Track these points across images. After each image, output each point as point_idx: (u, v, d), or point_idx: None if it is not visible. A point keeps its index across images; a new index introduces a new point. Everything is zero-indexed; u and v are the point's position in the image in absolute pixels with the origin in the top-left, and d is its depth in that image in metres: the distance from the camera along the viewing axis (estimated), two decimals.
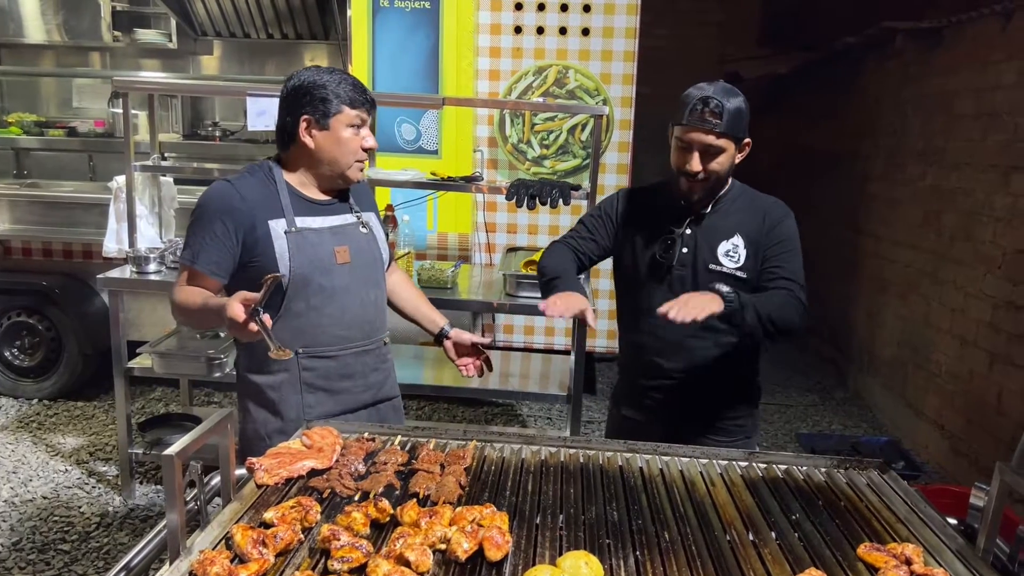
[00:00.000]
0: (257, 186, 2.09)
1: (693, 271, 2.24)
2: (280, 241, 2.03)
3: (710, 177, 2.14)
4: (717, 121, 2.06)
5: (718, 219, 2.25)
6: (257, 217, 2.03)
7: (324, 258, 2.09)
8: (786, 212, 2.26)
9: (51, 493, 3.79)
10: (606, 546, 1.51)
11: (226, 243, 2.02)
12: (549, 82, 4.72)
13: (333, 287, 2.10)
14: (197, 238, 2.04)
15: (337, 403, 2.17)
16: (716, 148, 2.10)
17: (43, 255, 4.68)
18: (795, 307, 2.14)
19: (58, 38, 5.93)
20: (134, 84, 4.03)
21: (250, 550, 1.35)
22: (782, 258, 2.20)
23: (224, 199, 2.05)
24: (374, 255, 2.22)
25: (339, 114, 2.04)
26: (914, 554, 1.48)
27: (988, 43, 4.25)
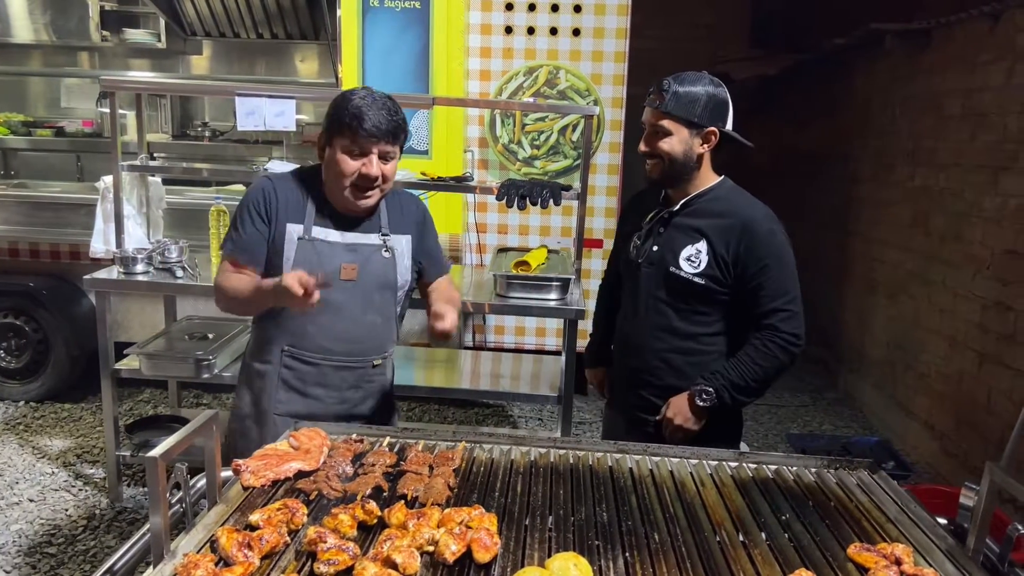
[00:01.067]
0: (293, 188, 2.19)
1: (658, 271, 2.23)
2: (291, 245, 2.14)
3: (662, 159, 2.15)
4: (660, 101, 2.10)
5: (687, 220, 2.22)
6: (282, 217, 2.15)
7: (327, 270, 2.12)
8: (770, 227, 2.17)
9: (37, 496, 3.76)
10: (595, 547, 1.51)
11: (263, 236, 2.15)
12: (540, 82, 4.71)
13: (328, 300, 2.11)
14: (237, 231, 2.17)
15: (305, 406, 2.23)
16: (661, 129, 2.13)
17: (30, 256, 4.64)
18: (771, 356, 2.13)
19: (46, 38, 5.89)
20: (122, 84, 4.00)
21: (235, 553, 1.34)
22: (767, 278, 2.14)
23: (262, 193, 2.17)
24: (387, 279, 2.24)
25: (339, 136, 2.08)
26: (904, 554, 1.48)
27: (976, 44, 4.27)
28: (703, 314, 2.22)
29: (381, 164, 2.09)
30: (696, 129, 2.13)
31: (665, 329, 2.24)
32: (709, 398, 2.16)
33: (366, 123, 2.03)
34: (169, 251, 3.52)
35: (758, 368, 2.15)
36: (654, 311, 2.26)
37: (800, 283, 2.23)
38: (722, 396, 2.16)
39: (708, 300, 2.20)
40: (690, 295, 2.20)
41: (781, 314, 2.15)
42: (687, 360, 2.25)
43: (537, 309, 3.41)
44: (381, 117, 2.05)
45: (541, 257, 3.68)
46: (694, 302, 2.21)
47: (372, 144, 2.06)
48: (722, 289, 2.17)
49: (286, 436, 1.88)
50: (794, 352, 2.16)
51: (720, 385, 2.16)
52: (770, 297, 2.15)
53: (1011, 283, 3.80)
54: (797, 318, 2.16)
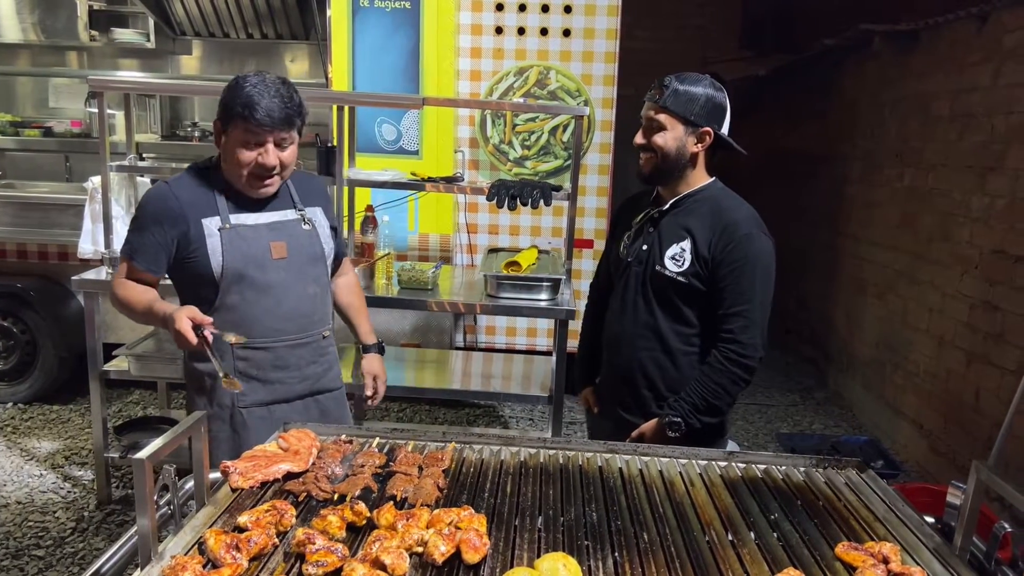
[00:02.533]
0: (194, 185, 2.14)
1: (645, 270, 2.26)
2: (213, 238, 2.10)
3: (656, 153, 2.17)
4: (659, 96, 2.13)
5: (676, 219, 2.24)
6: (191, 217, 2.10)
7: (258, 253, 2.13)
8: (749, 232, 2.15)
9: (26, 498, 3.73)
10: (585, 548, 1.51)
11: (161, 243, 2.10)
12: (530, 83, 4.71)
13: (267, 281, 2.14)
14: (135, 235, 2.13)
15: (270, 392, 2.22)
16: (657, 123, 2.15)
17: (18, 257, 4.61)
18: (728, 372, 2.14)
19: (34, 37, 5.85)
20: (110, 84, 3.97)
21: (223, 555, 1.33)
22: (734, 284, 2.14)
23: (160, 201, 2.12)
24: (315, 251, 2.26)
25: (232, 126, 2.04)
26: (892, 553, 1.48)
27: (964, 45, 4.30)
28: (686, 314, 2.23)
29: (278, 152, 2.06)
30: (691, 127, 2.15)
31: (650, 328, 2.26)
32: (678, 428, 2.18)
33: (258, 112, 1.97)
34: None
35: (717, 387, 2.16)
36: (642, 310, 2.27)
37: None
38: (690, 422, 2.18)
39: (690, 300, 2.21)
40: (674, 294, 2.21)
41: (739, 320, 2.14)
42: (672, 360, 2.26)
43: (528, 309, 3.41)
44: (274, 105, 1.99)
45: (531, 257, 3.68)
46: (678, 301, 2.22)
47: (267, 133, 2.01)
48: (703, 288, 2.18)
49: (275, 437, 1.87)
50: (749, 364, 2.15)
51: (686, 411, 2.17)
52: (732, 301, 2.14)
53: (998, 283, 3.83)
54: (755, 327, 2.14)
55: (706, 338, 2.24)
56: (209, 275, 2.11)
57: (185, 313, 1.91)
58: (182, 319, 1.90)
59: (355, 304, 2.56)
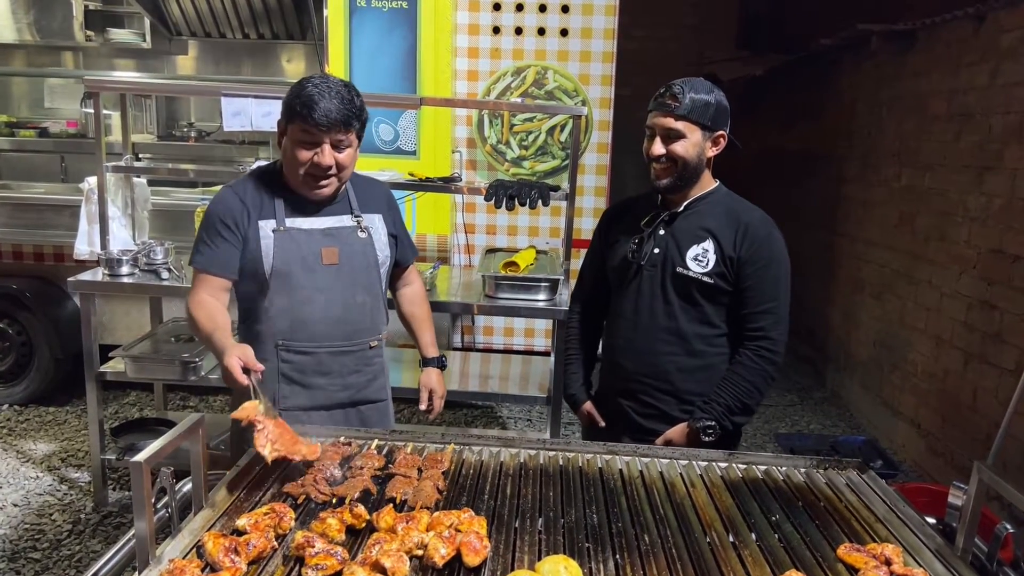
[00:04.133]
0: (256, 188, 2.17)
1: (663, 272, 2.23)
2: (267, 240, 2.12)
3: (676, 163, 2.16)
4: (676, 104, 2.11)
5: (692, 221, 2.23)
6: (252, 218, 2.13)
7: (308, 258, 2.14)
8: (769, 230, 2.21)
9: (22, 500, 3.71)
10: (585, 550, 1.50)
11: (234, 245, 2.13)
12: (528, 83, 4.70)
13: (315, 286, 2.15)
14: (206, 245, 2.14)
15: (310, 398, 2.22)
16: (676, 132, 2.14)
17: (13, 258, 4.59)
18: (759, 370, 2.18)
19: (29, 37, 5.83)
20: (105, 84, 3.96)
21: (222, 558, 1.32)
22: (760, 282, 2.18)
23: (226, 204, 2.15)
24: (368, 260, 2.25)
25: (292, 125, 2.06)
26: (893, 554, 1.48)
27: (961, 45, 4.30)
28: (709, 315, 2.24)
29: (335, 153, 2.07)
30: (708, 133, 2.17)
31: (672, 331, 2.24)
32: (713, 432, 2.18)
33: (316, 112, 1.99)
34: (154, 252, 3.49)
35: (750, 385, 2.18)
36: (661, 314, 2.24)
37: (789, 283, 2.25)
38: (724, 424, 2.19)
39: (714, 300, 2.22)
40: (698, 294, 2.21)
41: (769, 317, 2.18)
42: (697, 362, 2.25)
43: (526, 310, 3.40)
44: (332, 106, 2.01)
45: (530, 258, 3.67)
46: (702, 302, 2.22)
47: (323, 133, 2.03)
48: (728, 288, 2.20)
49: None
50: (778, 361, 2.20)
51: (719, 414, 2.18)
52: (761, 299, 2.18)
53: (996, 282, 3.83)
54: (783, 324, 2.20)
55: (728, 338, 2.25)
56: (261, 276, 2.13)
57: (236, 352, 1.87)
58: (232, 357, 1.86)
59: (418, 315, 2.55)
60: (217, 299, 2.12)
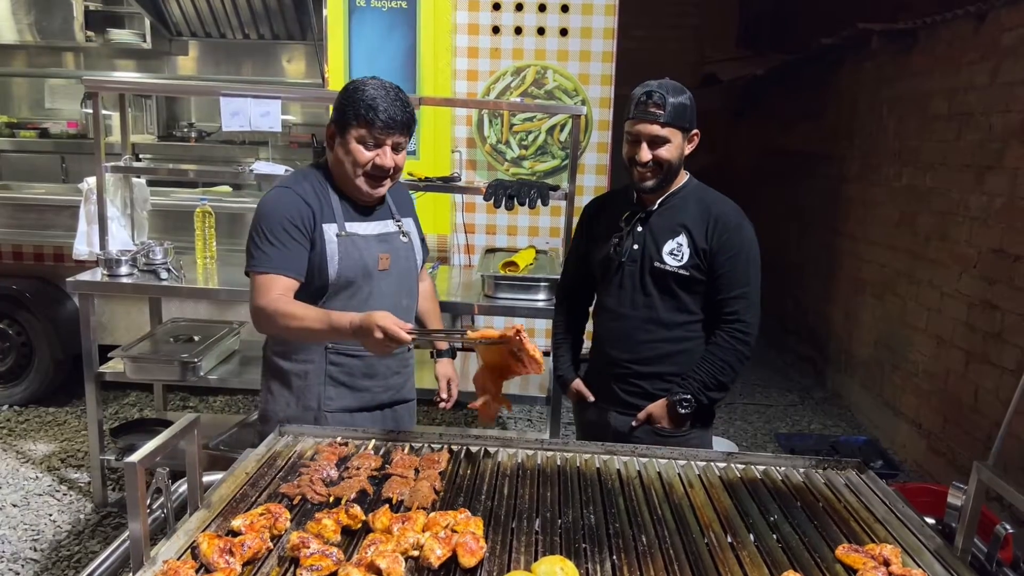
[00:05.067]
0: (313, 190, 2.15)
1: (641, 267, 2.35)
2: (332, 245, 2.12)
3: (661, 165, 2.25)
4: (660, 112, 2.20)
5: (666, 216, 2.35)
6: (316, 219, 2.11)
7: (369, 263, 2.17)
8: (739, 220, 2.32)
9: (21, 501, 3.71)
10: (582, 551, 1.49)
11: (302, 243, 2.09)
12: (527, 82, 4.70)
13: (371, 291, 2.18)
14: (270, 244, 2.06)
15: (356, 399, 2.25)
16: (661, 137, 2.22)
17: (13, 258, 4.59)
18: (733, 350, 2.30)
19: (30, 38, 5.84)
20: (105, 84, 3.96)
21: (216, 559, 1.32)
22: (732, 270, 2.29)
23: (291, 203, 2.10)
24: (411, 264, 2.31)
25: (353, 127, 2.07)
26: (892, 555, 1.47)
27: (962, 44, 4.29)
28: (686, 303, 2.35)
29: (393, 155, 2.11)
30: (686, 134, 2.27)
31: (653, 321, 2.36)
32: (689, 405, 2.31)
33: (382, 115, 2.03)
34: (154, 253, 3.49)
35: (724, 364, 2.31)
36: (642, 306, 2.36)
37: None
38: (699, 399, 2.31)
39: (690, 290, 2.33)
40: (675, 286, 2.32)
41: (741, 302, 2.30)
42: (675, 347, 2.37)
43: (525, 310, 3.40)
44: (396, 109, 2.05)
45: (529, 258, 3.67)
46: (679, 292, 2.33)
47: (387, 135, 2.06)
48: (702, 278, 2.31)
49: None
50: (750, 342, 2.32)
51: (695, 389, 2.31)
52: (732, 285, 2.30)
53: (997, 282, 3.82)
54: (755, 307, 2.32)
55: (703, 323, 2.37)
56: (323, 280, 2.12)
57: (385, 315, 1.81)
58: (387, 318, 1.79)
59: (431, 310, 2.58)
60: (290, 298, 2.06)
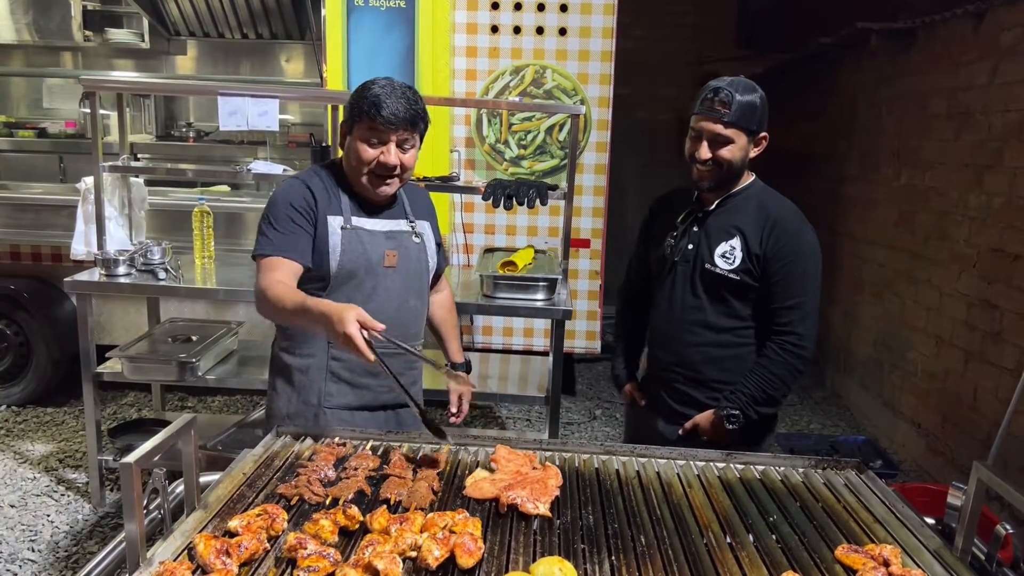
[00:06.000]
0: (321, 184, 2.17)
1: (693, 268, 2.29)
2: (335, 236, 2.12)
3: (721, 166, 2.19)
4: (725, 111, 2.13)
5: (723, 218, 2.28)
6: (321, 211, 2.13)
7: (373, 258, 2.16)
8: (798, 225, 2.24)
9: (19, 501, 3.70)
10: (581, 551, 1.49)
11: (306, 229, 2.11)
12: (526, 82, 4.69)
13: (375, 287, 2.17)
14: (274, 229, 2.10)
15: (357, 397, 2.24)
16: (724, 137, 2.16)
17: (11, 258, 4.58)
18: (785, 363, 2.22)
19: (28, 38, 5.82)
20: (103, 83, 3.95)
21: (213, 560, 1.31)
22: (787, 278, 2.21)
23: (297, 191, 2.14)
24: (421, 265, 2.29)
25: (358, 125, 2.08)
26: (892, 555, 1.46)
27: (961, 43, 4.28)
28: (736, 308, 2.28)
29: (399, 153, 2.09)
30: (752, 136, 2.21)
31: (700, 324, 2.30)
32: (737, 420, 2.24)
33: (384, 111, 2.02)
34: (152, 252, 3.48)
35: (774, 377, 2.23)
36: (691, 307, 2.31)
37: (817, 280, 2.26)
38: (747, 414, 2.24)
39: (741, 295, 2.26)
40: (725, 290, 2.26)
41: (796, 312, 2.22)
42: (724, 352, 2.31)
43: (524, 309, 3.39)
44: (399, 105, 2.04)
45: (528, 257, 3.66)
46: (728, 297, 2.27)
47: (390, 132, 2.05)
48: (754, 283, 2.24)
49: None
50: (805, 355, 2.24)
51: (743, 403, 2.24)
52: (787, 294, 2.22)
53: (996, 281, 3.81)
54: (810, 319, 2.23)
55: (755, 330, 2.30)
56: (324, 272, 2.13)
57: (354, 314, 1.75)
58: (351, 321, 1.74)
59: (449, 321, 2.57)
60: (290, 284, 2.06)
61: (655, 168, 7.91)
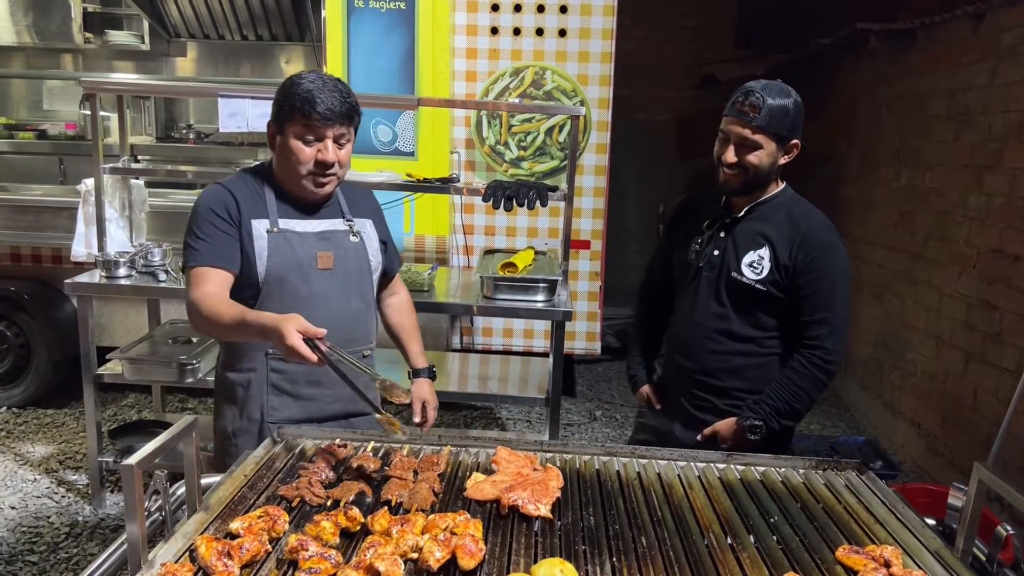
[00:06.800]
0: (246, 187, 2.09)
1: (718, 276, 2.25)
2: (261, 240, 2.04)
3: (747, 170, 2.15)
4: (755, 115, 2.09)
5: (752, 226, 2.23)
6: (244, 216, 2.04)
7: (304, 261, 2.07)
8: (829, 238, 2.20)
9: (19, 503, 3.70)
10: (582, 553, 1.49)
11: (231, 234, 2.02)
12: (526, 83, 4.69)
13: (310, 292, 2.08)
14: (199, 239, 2.02)
15: (302, 409, 2.15)
16: (752, 142, 2.12)
17: (11, 260, 4.58)
18: (811, 376, 2.18)
19: (28, 39, 5.82)
20: (103, 85, 3.96)
21: (214, 562, 1.31)
22: (815, 292, 2.18)
23: (218, 197, 2.06)
24: (361, 265, 2.19)
25: (290, 122, 2.00)
26: (893, 556, 1.46)
27: (960, 44, 4.29)
28: (761, 319, 2.25)
29: (336, 149, 2.02)
30: (781, 143, 2.17)
31: (723, 332, 2.27)
32: (759, 431, 2.20)
33: (319, 106, 1.94)
34: (152, 254, 3.48)
35: (799, 390, 2.19)
36: (714, 315, 2.27)
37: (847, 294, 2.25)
38: (770, 425, 2.21)
39: (767, 306, 2.23)
40: (750, 300, 2.22)
41: (824, 327, 2.18)
42: (747, 362, 2.27)
43: (524, 311, 3.40)
44: (334, 100, 1.96)
45: (528, 259, 3.66)
46: (753, 307, 2.23)
47: (327, 128, 1.97)
48: (780, 295, 2.20)
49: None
50: (832, 370, 2.20)
51: (766, 414, 2.20)
52: (816, 308, 2.18)
53: (996, 282, 3.82)
54: (838, 334, 2.19)
55: (779, 341, 2.27)
56: (252, 278, 2.04)
57: (294, 325, 1.71)
58: (292, 332, 1.69)
59: (406, 325, 2.46)
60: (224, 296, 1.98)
61: (655, 169, 7.92)
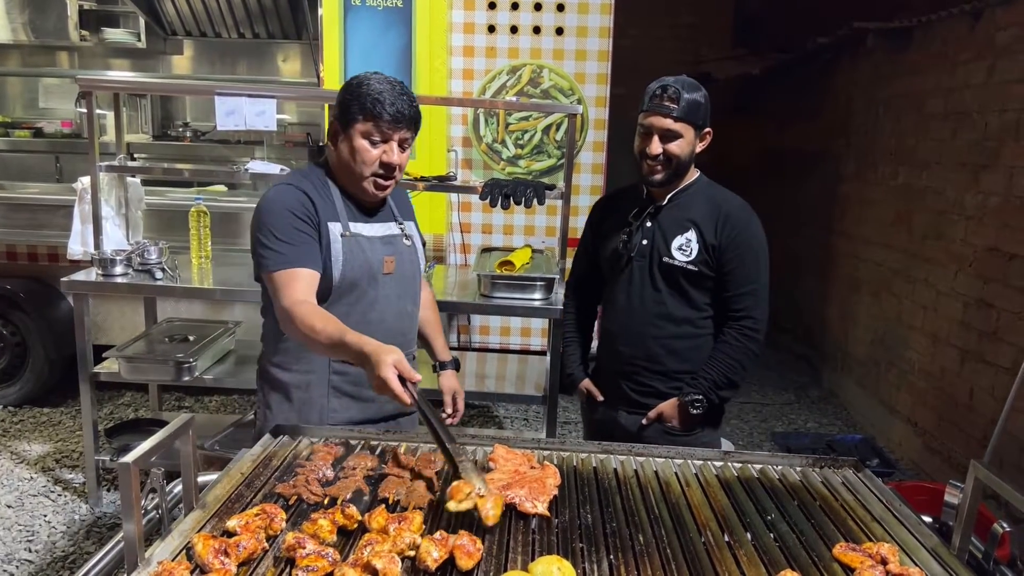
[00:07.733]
0: (315, 189, 2.06)
1: (651, 262, 2.37)
2: (336, 244, 2.02)
3: (671, 160, 2.27)
4: (674, 106, 2.22)
5: (675, 212, 2.36)
6: (321, 217, 2.02)
7: (374, 266, 2.08)
8: (748, 217, 2.35)
9: (15, 502, 3.70)
10: (579, 550, 1.49)
11: (312, 236, 1.99)
12: (523, 81, 4.69)
13: (376, 296, 2.09)
14: (280, 240, 1.96)
15: (361, 411, 2.16)
16: (674, 132, 2.24)
17: (7, 258, 4.57)
18: (743, 348, 2.33)
19: (24, 37, 5.81)
20: (99, 83, 3.95)
21: (211, 560, 1.31)
22: (740, 266, 2.32)
23: (296, 197, 2.01)
24: (415, 268, 2.22)
25: (356, 123, 1.98)
26: (890, 553, 1.47)
27: (957, 43, 4.29)
28: (695, 299, 2.37)
29: (399, 152, 2.02)
30: (699, 131, 2.29)
31: (663, 316, 2.38)
32: (701, 405, 2.34)
33: (389, 107, 1.94)
34: (148, 252, 3.47)
35: (734, 362, 2.34)
36: (651, 300, 2.38)
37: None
38: (710, 398, 2.34)
39: (699, 285, 2.35)
40: (684, 281, 2.34)
41: (750, 299, 2.33)
42: (686, 344, 2.39)
43: (521, 309, 3.40)
44: (403, 103, 1.97)
45: (525, 257, 3.66)
46: (688, 288, 2.35)
47: (394, 131, 1.98)
48: (711, 273, 2.33)
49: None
50: (759, 338, 2.35)
51: (706, 388, 2.34)
52: (741, 281, 2.32)
53: (992, 280, 3.82)
54: (763, 303, 2.35)
55: (712, 319, 2.40)
56: (326, 282, 2.01)
57: (392, 358, 1.65)
58: (389, 366, 1.64)
59: (432, 320, 2.47)
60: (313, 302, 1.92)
61: None
